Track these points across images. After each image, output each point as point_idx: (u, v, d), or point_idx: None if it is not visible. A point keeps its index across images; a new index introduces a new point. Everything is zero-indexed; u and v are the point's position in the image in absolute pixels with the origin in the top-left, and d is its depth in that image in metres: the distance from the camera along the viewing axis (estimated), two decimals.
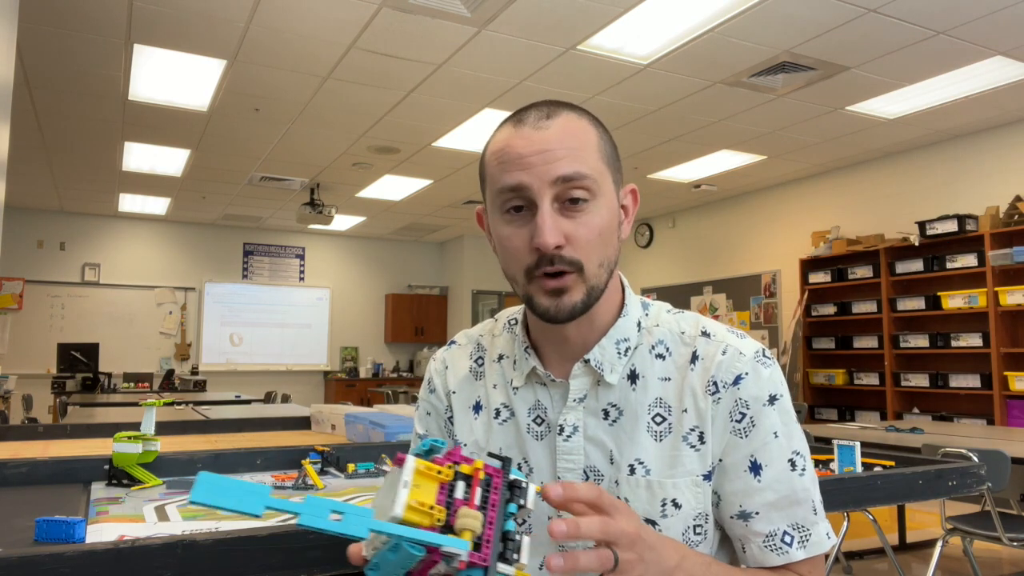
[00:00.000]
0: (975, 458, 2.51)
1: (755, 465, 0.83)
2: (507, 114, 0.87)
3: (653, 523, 0.82)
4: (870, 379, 6.45)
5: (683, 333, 0.89)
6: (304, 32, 4.20)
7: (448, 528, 0.63)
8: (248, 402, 5.37)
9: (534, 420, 0.90)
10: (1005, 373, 5.47)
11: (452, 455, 0.67)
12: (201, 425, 2.90)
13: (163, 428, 2.71)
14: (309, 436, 2.67)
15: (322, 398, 10.54)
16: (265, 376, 10.16)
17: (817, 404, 6.97)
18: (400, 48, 4.41)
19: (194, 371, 9.64)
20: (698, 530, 0.83)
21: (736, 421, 0.83)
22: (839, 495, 1.64)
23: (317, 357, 10.63)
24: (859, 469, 2.03)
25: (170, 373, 8.94)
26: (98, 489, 1.60)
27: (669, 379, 0.86)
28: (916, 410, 6.18)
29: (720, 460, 0.84)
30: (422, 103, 5.34)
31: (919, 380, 6.04)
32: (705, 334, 0.88)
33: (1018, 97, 5.23)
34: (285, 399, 7.62)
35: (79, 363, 8.80)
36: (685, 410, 0.84)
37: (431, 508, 0.62)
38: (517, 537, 0.66)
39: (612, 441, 0.85)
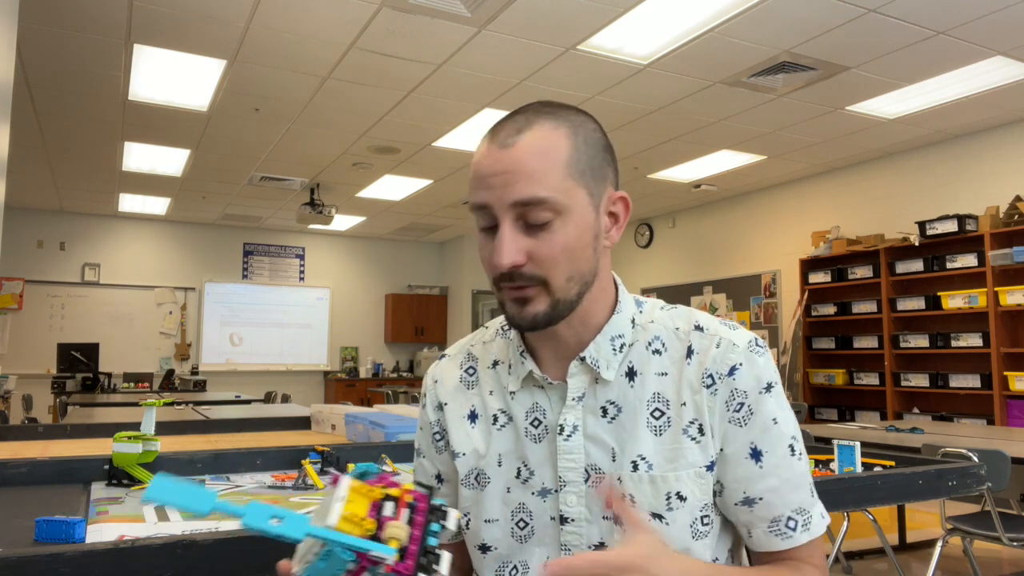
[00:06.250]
0: (975, 458, 2.51)
1: (756, 452, 0.85)
2: (506, 114, 0.88)
3: (660, 517, 0.84)
4: (870, 379, 6.45)
5: (677, 329, 0.90)
6: (304, 32, 4.20)
7: (376, 539, 0.69)
8: (248, 402, 5.37)
9: (531, 423, 0.90)
10: (1005, 373, 5.46)
11: (383, 479, 0.74)
12: (201, 425, 2.90)
13: (163, 428, 2.71)
14: (309, 436, 2.67)
15: (322, 398, 10.53)
16: (265, 376, 10.16)
17: (817, 404, 6.96)
18: (400, 48, 4.41)
19: (194, 371, 9.64)
20: (705, 520, 0.85)
21: (734, 411, 0.85)
22: (839, 495, 1.64)
23: (317, 357, 10.63)
24: (859, 469, 2.03)
25: (170, 373, 8.94)
26: (98, 489, 1.60)
27: (666, 374, 0.88)
28: (916, 410, 6.18)
29: (721, 449, 0.85)
30: (422, 103, 5.34)
31: (919, 380, 6.03)
32: (698, 328, 0.89)
33: (1018, 97, 5.23)
34: (285, 399, 7.62)
35: (79, 363, 8.79)
36: (684, 404, 0.86)
37: (362, 519, 0.69)
38: (438, 551, 0.72)
39: (613, 439, 0.86)
